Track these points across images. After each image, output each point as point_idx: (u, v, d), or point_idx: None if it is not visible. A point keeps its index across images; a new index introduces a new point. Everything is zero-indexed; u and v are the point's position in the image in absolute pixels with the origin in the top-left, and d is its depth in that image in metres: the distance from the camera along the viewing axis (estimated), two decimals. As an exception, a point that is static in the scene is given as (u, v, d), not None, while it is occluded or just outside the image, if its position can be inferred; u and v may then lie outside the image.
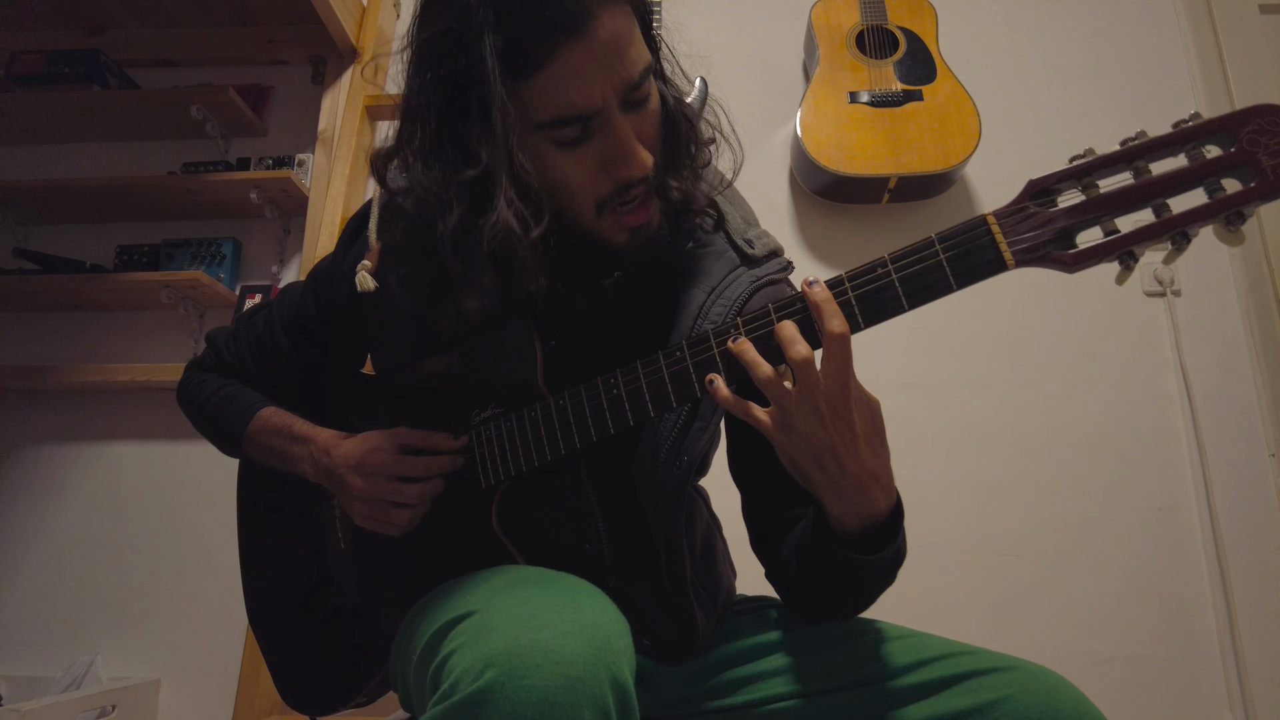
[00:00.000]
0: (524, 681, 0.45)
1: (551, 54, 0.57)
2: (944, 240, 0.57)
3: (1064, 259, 0.55)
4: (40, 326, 1.89)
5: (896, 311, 0.58)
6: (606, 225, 0.66)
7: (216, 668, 1.60)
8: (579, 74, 0.57)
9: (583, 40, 0.57)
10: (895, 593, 1.62)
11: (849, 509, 0.61)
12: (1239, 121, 0.50)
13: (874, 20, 1.74)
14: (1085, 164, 0.55)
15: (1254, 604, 1.46)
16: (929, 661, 0.64)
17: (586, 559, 0.72)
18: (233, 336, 0.92)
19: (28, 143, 2.02)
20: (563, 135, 0.60)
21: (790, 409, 0.58)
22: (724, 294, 0.70)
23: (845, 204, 1.74)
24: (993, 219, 0.56)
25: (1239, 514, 1.51)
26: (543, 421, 0.69)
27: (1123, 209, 0.54)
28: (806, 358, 0.57)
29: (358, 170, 1.87)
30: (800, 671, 0.68)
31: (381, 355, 0.84)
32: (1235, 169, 0.50)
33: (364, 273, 0.74)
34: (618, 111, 0.60)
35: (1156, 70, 1.82)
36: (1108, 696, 1.43)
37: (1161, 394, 1.61)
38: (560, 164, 0.62)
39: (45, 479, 1.78)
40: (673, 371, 0.63)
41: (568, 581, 0.59)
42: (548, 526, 0.74)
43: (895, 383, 1.66)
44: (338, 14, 1.84)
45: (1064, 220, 0.54)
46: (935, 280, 0.57)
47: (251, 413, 0.85)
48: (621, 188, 0.63)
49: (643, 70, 0.61)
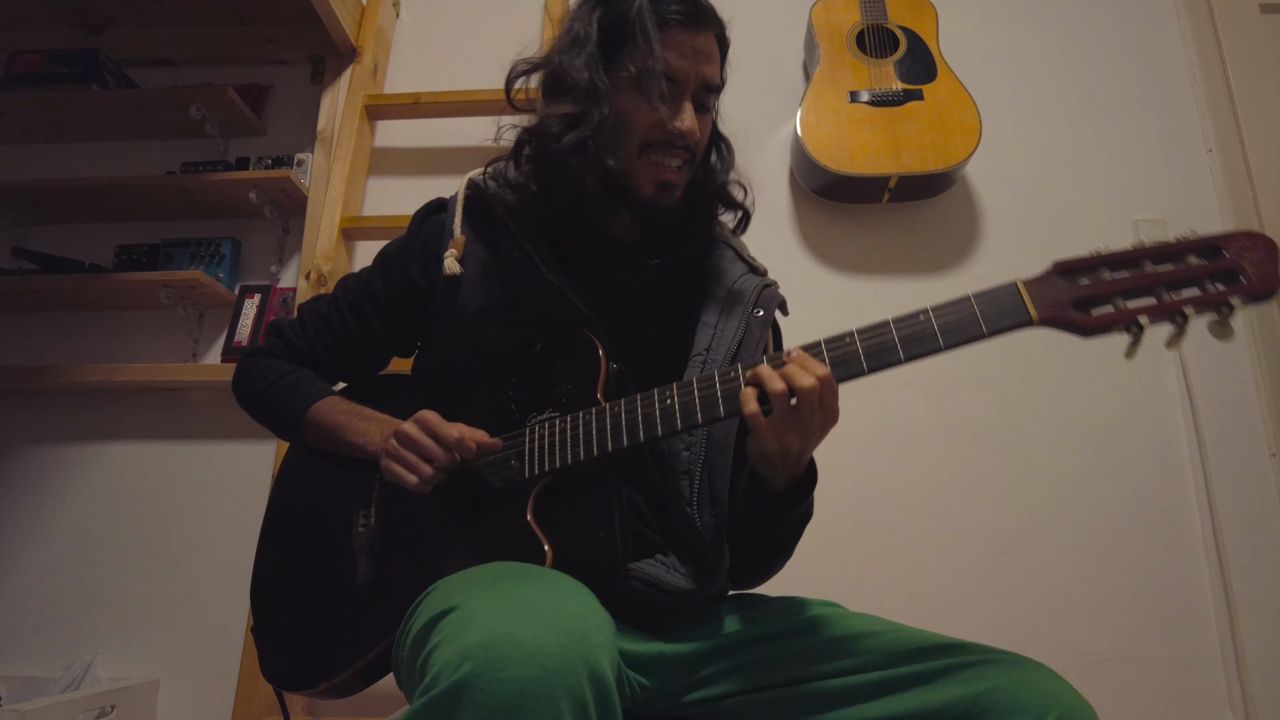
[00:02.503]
0: (499, 674, 0.47)
1: (670, 27, 0.80)
2: (979, 296, 0.66)
3: (1081, 321, 0.64)
4: (39, 326, 1.89)
5: (932, 350, 0.67)
6: (642, 169, 0.83)
7: (216, 668, 1.60)
8: (681, 49, 0.80)
9: (695, 34, 0.81)
10: (895, 589, 1.61)
11: (783, 478, 0.74)
12: (1227, 241, 0.63)
13: (874, 19, 1.74)
14: (1101, 257, 0.65)
15: (1254, 603, 1.46)
16: (917, 654, 0.66)
17: (598, 548, 0.75)
18: (299, 323, 0.98)
19: (27, 142, 2.03)
20: (650, 83, 0.79)
21: (786, 421, 0.68)
22: (746, 282, 0.88)
23: (845, 203, 1.74)
24: (1021, 284, 0.67)
25: (1239, 513, 1.51)
26: (596, 422, 0.77)
27: (1130, 294, 0.64)
28: (810, 388, 0.67)
29: (357, 170, 1.87)
30: (791, 661, 0.71)
31: (448, 342, 0.89)
32: (1223, 275, 0.62)
33: (451, 259, 0.86)
34: (690, 94, 0.82)
35: (1157, 70, 1.82)
36: (1107, 696, 1.43)
37: (1162, 393, 1.61)
38: (635, 104, 0.81)
39: (44, 479, 1.78)
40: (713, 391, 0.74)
41: (551, 577, 0.61)
42: (566, 520, 0.77)
43: (895, 382, 1.65)
44: (337, 13, 1.84)
45: (1081, 293, 0.65)
46: (968, 324, 0.66)
47: (323, 394, 0.91)
48: (667, 140, 0.81)
49: (717, 84, 0.85)
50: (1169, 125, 1.77)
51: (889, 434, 1.62)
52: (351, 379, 1.00)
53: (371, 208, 1.91)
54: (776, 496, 0.76)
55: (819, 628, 0.73)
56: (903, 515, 1.57)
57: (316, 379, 0.94)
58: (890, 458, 1.61)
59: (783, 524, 0.78)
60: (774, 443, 0.68)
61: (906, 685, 0.64)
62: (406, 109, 1.89)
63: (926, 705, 0.62)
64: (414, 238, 0.92)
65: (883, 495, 1.59)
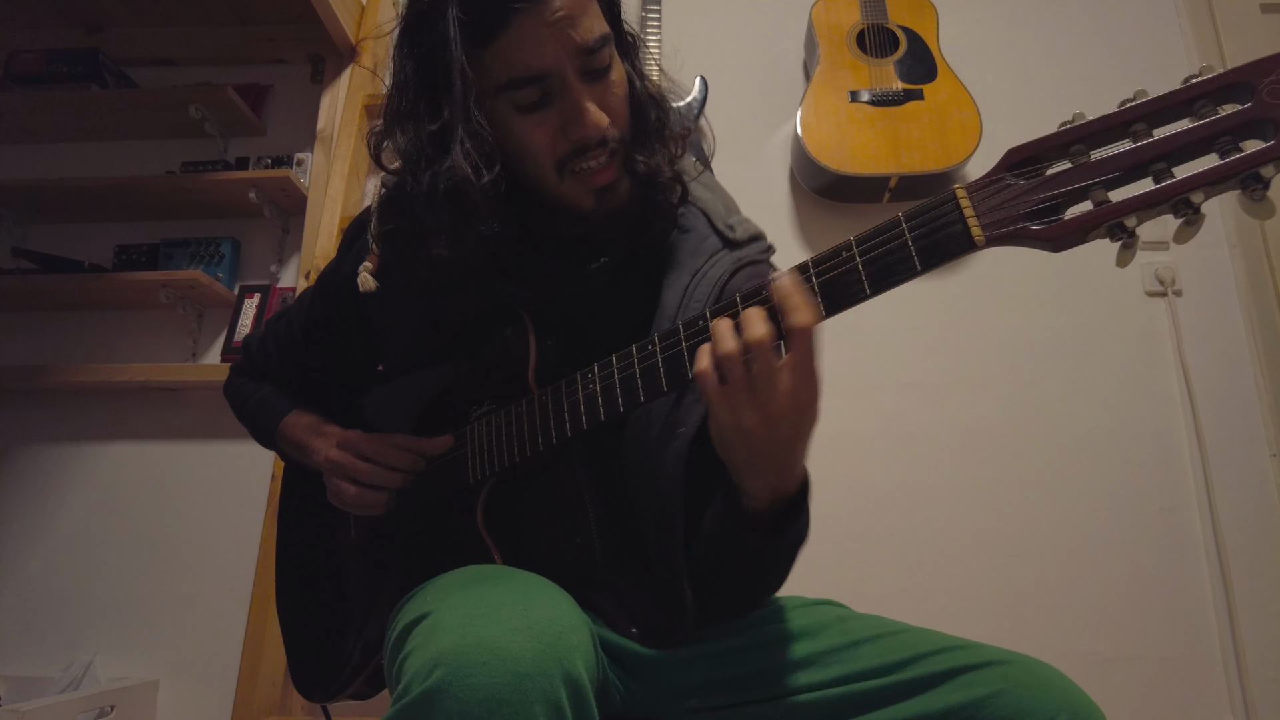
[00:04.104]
0: (470, 680, 0.46)
1: (507, 22, 0.62)
2: (910, 218, 0.52)
3: (1042, 234, 0.47)
4: (38, 326, 1.88)
5: (860, 298, 0.54)
6: (570, 188, 0.69)
7: (215, 668, 1.60)
8: (532, 38, 0.62)
9: (535, 8, 0.62)
10: (896, 590, 1.61)
11: (764, 488, 0.61)
12: (1258, 72, 0.42)
13: (874, 19, 1.74)
14: (1074, 129, 0.47)
15: (1255, 604, 1.46)
16: (923, 656, 0.64)
17: (576, 554, 0.73)
18: (261, 340, 0.97)
19: (26, 142, 2.02)
20: (522, 98, 0.65)
21: (737, 391, 0.56)
22: (706, 276, 0.72)
23: (846, 203, 1.74)
24: (962, 191, 0.50)
25: (1240, 514, 1.51)
26: (527, 415, 0.71)
27: (1117, 177, 0.45)
28: (760, 340, 0.54)
29: (357, 169, 1.87)
30: (791, 666, 0.68)
31: (390, 353, 0.86)
32: (1254, 126, 0.41)
33: (365, 273, 0.77)
34: (574, 77, 0.65)
35: (1158, 69, 1.81)
36: (1108, 697, 1.42)
37: (1162, 394, 1.60)
38: (522, 128, 0.66)
39: (44, 479, 1.78)
40: (649, 363, 0.63)
41: (523, 579, 0.59)
42: (539, 524, 0.75)
43: (896, 382, 1.65)
44: (336, 13, 1.84)
45: (1045, 191, 0.47)
46: (899, 261, 0.52)
47: (285, 413, 0.90)
48: (578, 148, 0.66)
49: (597, 39, 0.65)
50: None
51: (890, 436, 1.62)
52: (321, 390, 0.96)
53: (371, 207, 1.91)
54: (755, 518, 0.63)
55: (818, 633, 0.71)
56: (903, 517, 1.57)
57: (278, 396, 0.93)
58: (891, 459, 1.61)
59: (768, 552, 0.65)
60: (727, 415, 0.56)
61: (909, 692, 0.62)
62: (406, 108, 1.89)
63: (930, 711, 0.60)
64: (343, 260, 0.85)
65: (883, 497, 1.59)
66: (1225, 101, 0.44)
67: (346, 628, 0.87)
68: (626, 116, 0.70)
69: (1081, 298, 1.66)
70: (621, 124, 0.69)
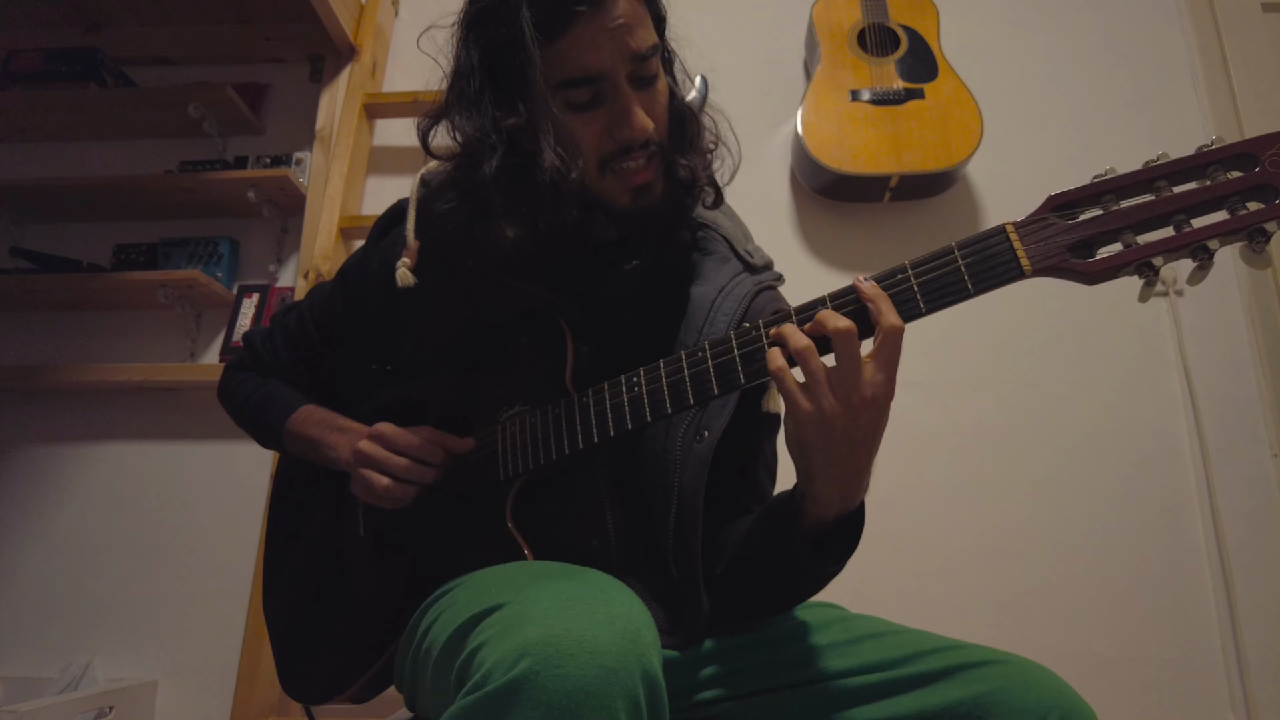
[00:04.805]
0: (559, 670, 0.46)
1: (570, 24, 0.67)
2: (963, 247, 0.59)
3: (1082, 268, 0.55)
4: (37, 326, 1.88)
5: (914, 315, 0.60)
6: (610, 185, 0.73)
7: (214, 669, 1.59)
8: (592, 41, 0.67)
9: (598, 13, 0.67)
10: (896, 591, 1.61)
11: (835, 494, 0.64)
12: (1262, 145, 0.52)
13: (875, 18, 1.74)
14: (1106, 182, 0.56)
15: (1256, 605, 1.45)
16: (922, 654, 0.66)
17: (592, 555, 0.73)
18: (268, 335, 0.96)
19: (25, 141, 2.02)
20: (575, 96, 0.69)
21: (818, 381, 0.60)
22: (732, 293, 0.77)
23: (847, 203, 1.73)
24: (1010, 227, 0.58)
25: (1241, 514, 1.51)
26: (565, 416, 0.73)
27: (1143, 223, 0.55)
28: (848, 329, 0.59)
29: (356, 169, 1.87)
30: (791, 664, 0.70)
31: (413, 350, 0.86)
32: (1257, 191, 0.51)
33: (404, 269, 0.79)
34: (625, 82, 0.69)
35: (1159, 69, 1.81)
36: (1109, 698, 1.43)
37: (1164, 394, 1.60)
38: (572, 124, 0.70)
39: (42, 479, 1.77)
40: (699, 368, 0.66)
41: (593, 575, 0.60)
42: (556, 524, 0.75)
43: (897, 382, 1.65)
44: (336, 12, 1.84)
45: (1083, 232, 0.56)
46: (953, 284, 0.59)
47: (295, 407, 0.89)
48: (623, 148, 0.71)
49: (649, 48, 0.70)
50: (1171, 124, 1.77)
51: (891, 437, 1.60)
52: (327, 389, 0.96)
53: (370, 207, 1.91)
54: (814, 530, 0.65)
55: (819, 630, 0.72)
56: (904, 517, 1.56)
57: (287, 390, 0.92)
58: (891, 460, 1.61)
59: (810, 579, 0.68)
60: (808, 403, 0.59)
61: (906, 687, 0.64)
62: (405, 108, 1.88)
63: (927, 707, 0.62)
64: (371, 253, 0.86)
65: (883, 497, 1.58)
66: (1233, 169, 0.53)
67: (349, 626, 0.86)
68: (667, 124, 0.75)
69: (1082, 298, 1.65)
70: (663, 130, 0.74)
